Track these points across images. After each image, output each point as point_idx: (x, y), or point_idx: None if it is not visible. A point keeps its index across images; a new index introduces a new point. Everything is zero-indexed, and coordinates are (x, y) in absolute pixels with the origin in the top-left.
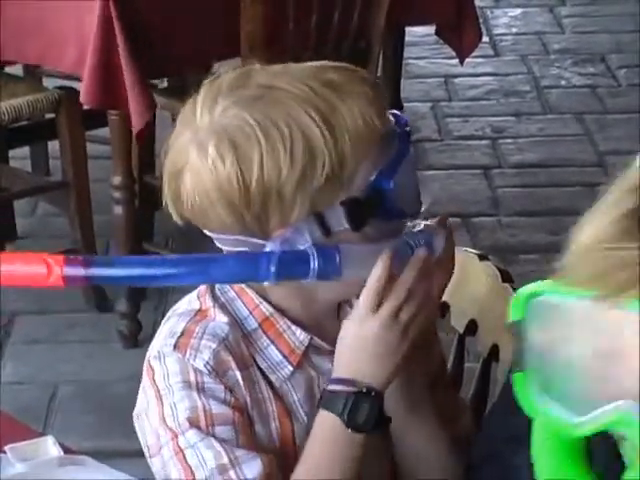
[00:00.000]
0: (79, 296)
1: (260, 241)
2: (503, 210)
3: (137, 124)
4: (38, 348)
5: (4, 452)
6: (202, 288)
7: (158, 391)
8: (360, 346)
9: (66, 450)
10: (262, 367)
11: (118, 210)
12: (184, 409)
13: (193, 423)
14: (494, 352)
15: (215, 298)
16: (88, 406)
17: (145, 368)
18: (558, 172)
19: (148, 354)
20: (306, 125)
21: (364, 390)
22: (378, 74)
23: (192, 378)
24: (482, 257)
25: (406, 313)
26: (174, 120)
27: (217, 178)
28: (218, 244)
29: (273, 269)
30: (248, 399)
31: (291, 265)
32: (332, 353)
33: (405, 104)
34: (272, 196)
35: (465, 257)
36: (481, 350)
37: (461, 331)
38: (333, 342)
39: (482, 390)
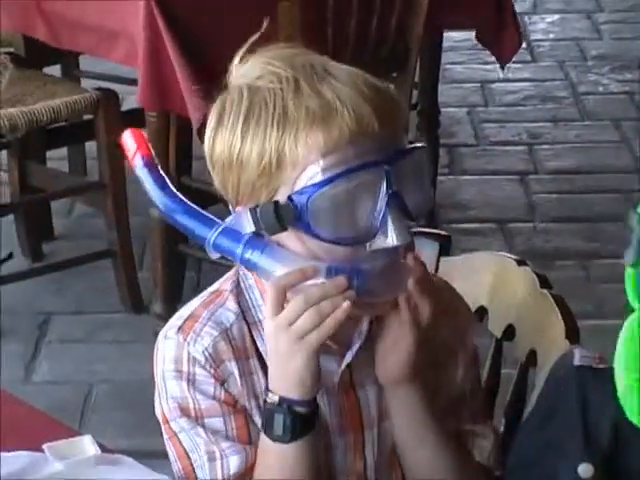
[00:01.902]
0: (115, 296)
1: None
2: (539, 216)
3: (196, 120)
4: (74, 348)
5: (42, 451)
6: (232, 272)
7: (156, 372)
8: (270, 355)
9: (103, 449)
10: (264, 354)
11: (154, 212)
12: (175, 397)
13: (184, 411)
14: (531, 358)
15: (236, 282)
16: (123, 405)
17: (156, 343)
18: (594, 178)
19: (162, 329)
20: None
21: (276, 401)
22: (415, 79)
23: (185, 368)
24: (520, 262)
25: (302, 322)
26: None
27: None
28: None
29: (212, 238)
30: (244, 390)
31: (225, 242)
32: (338, 353)
33: (442, 109)
34: (233, 172)
35: (504, 262)
36: (518, 356)
37: (499, 336)
38: (340, 342)
39: (519, 396)
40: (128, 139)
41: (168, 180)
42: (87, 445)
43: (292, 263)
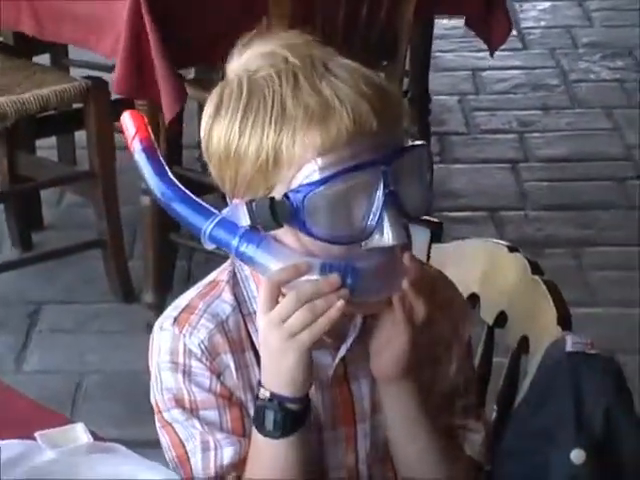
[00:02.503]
0: (105, 286)
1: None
2: (530, 204)
3: (169, 113)
4: (64, 338)
5: (35, 439)
6: (228, 263)
7: (152, 363)
8: (262, 351)
9: (96, 437)
10: (258, 348)
11: (145, 201)
12: (170, 388)
13: (178, 402)
14: (523, 344)
15: (232, 273)
16: (114, 396)
17: (151, 334)
18: (586, 166)
19: (158, 320)
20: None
21: (268, 397)
22: (406, 67)
23: (180, 359)
24: (512, 249)
25: (294, 320)
26: (201, 110)
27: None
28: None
29: (209, 229)
30: (240, 383)
31: (221, 234)
32: (332, 346)
33: (432, 97)
34: (230, 166)
35: (494, 248)
36: (510, 343)
37: (490, 323)
38: (335, 335)
39: (511, 383)
40: (127, 121)
41: (166, 166)
42: (80, 433)
43: (287, 258)
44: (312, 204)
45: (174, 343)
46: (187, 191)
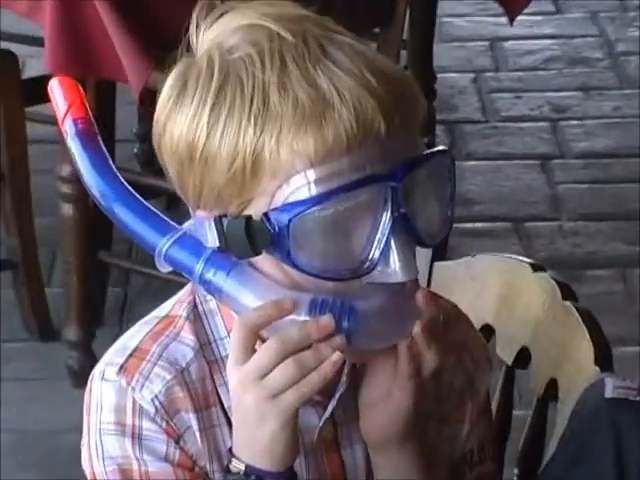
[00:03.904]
0: (16, 320)
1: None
2: (566, 213)
3: (137, 84)
4: None
5: None
6: (186, 291)
7: (89, 422)
8: (234, 413)
9: None
10: (227, 406)
11: (67, 210)
12: (114, 457)
13: (125, 475)
14: (551, 389)
15: (192, 305)
16: (27, 461)
17: (88, 383)
18: (636, 164)
19: (97, 366)
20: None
21: (242, 471)
22: (404, 36)
23: (129, 421)
24: (536, 267)
25: (276, 376)
26: (156, 95)
27: None
28: None
29: (165, 247)
30: (205, 448)
31: (181, 254)
32: (320, 405)
33: (439, 75)
34: (194, 171)
35: (514, 267)
36: (535, 387)
37: (509, 362)
38: (325, 391)
39: (536, 439)
40: (56, 93)
41: (110, 159)
42: None
43: (266, 292)
44: (300, 228)
45: (120, 398)
46: (136, 194)
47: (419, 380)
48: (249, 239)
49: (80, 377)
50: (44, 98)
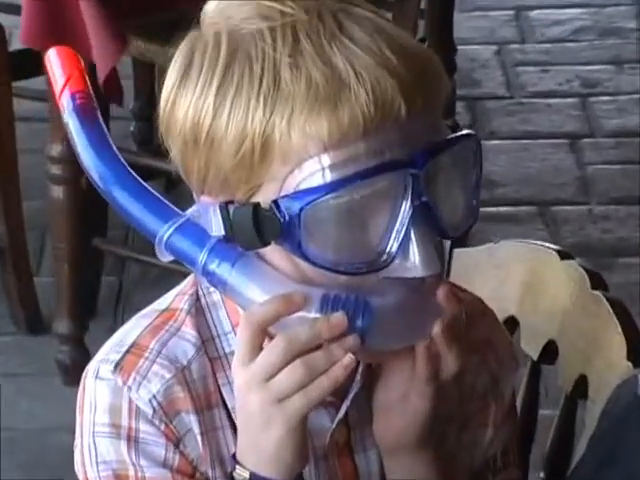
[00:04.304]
0: (3, 312)
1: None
2: (596, 196)
3: (103, 67)
4: None
5: None
6: (188, 283)
7: (82, 424)
8: (239, 416)
9: None
10: (230, 407)
11: (57, 192)
12: (109, 461)
13: None
14: (581, 386)
15: (195, 298)
16: (16, 461)
17: (81, 380)
18: None
19: (91, 362)
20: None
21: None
22: (422, 4)
23: (125, 422)
24: (564, 255)
25: (284, 379)
26: (139, 68)
27: None
28: None
29: (167, 234)
30: (207, 452)
31: (183, 243)
32: (332, 405)
33: (460, 47)
34: (199, 153)
35: (540, 254)
36: (563, 384)
37: (535, 357)
38: (338, 391)
39: (564, 440)
40: (54, 63)
41: (110, 137)
42: None
43: (274, 285)
44: (312, 218)
45: (115, 398)
46: (137, 176)
47: (438, 384)
48: (256, 228)
49: (71, 373)
50: (32, 72)
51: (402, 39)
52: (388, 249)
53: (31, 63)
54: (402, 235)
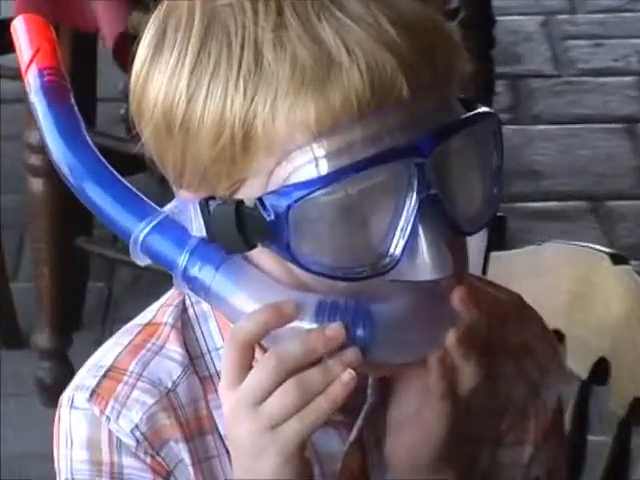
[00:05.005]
0: None
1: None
2: None
3: (110, 34)
4: None
5: None
6: (174, 292)
7: (59, 459)
8: (229, 444)
9: None
10: (224, 435)
11: (37, 185)
12: None
13: None
14: (636, 410)
15: (181, 309)
16: None
17: (57, 409)
18: None
19: (66, 389)
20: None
21: None
22: None
23: (106, 458)
24: (617, 259)
25: (275, 403)
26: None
27: None
28: None
29: (142, 234)
30: None
31: (161, 244)
32: (343, 425)
33: (499, 18)
34: (174, 142)
35: (590, 259)
36: (615, 408)
37: (584, 376)
38: (348, 409)
39: (619, 468)
40: (20, 34)
41: (82, 122)
42: None
43: (263, 292)
44: (302, 217)
45: (93, 431)
46: (112, 169)
47: (454, 400)
48: (240, 229)
49: (53, 393)
50: (8, 47)
51: (403, 7)
52: (392, 250)
53: (8, 36)
54: (408, 233)
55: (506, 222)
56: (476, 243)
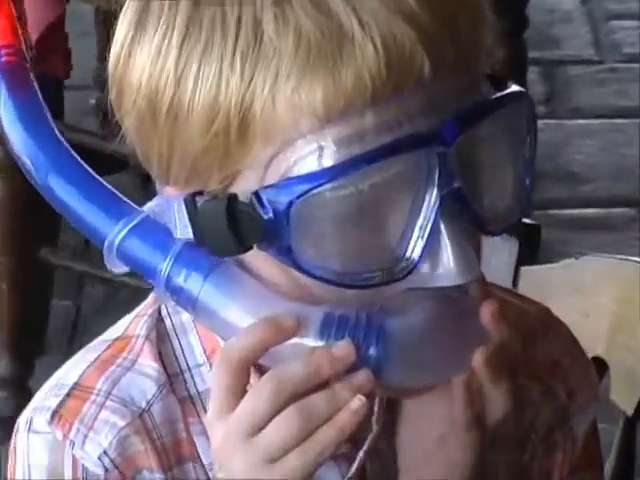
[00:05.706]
0: None
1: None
2: None
3: (36, 21)
4: None
5: None
6: (149, 302)
7: None
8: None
9: None
10: (207, 465)
11: None
12: None
13: None
14: None
15: (156, 319)
16: None
17: (13, 436)
18: None
19: (24, 412)
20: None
21: None
22: None
23: None
24: None
25: (275, 433)
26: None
27: None
28: None
29: (118, 237)
30: None
31: (140, 248)
32: (343, 458)
33: None
34: (160, 131)
35: (635, 276)
36: None
37: (630, 411)
38: (351, 437)
39: None
40: None
41: (46, 109)
42: None
43: (260, 304)
44: (305, 215)
45: (55, 458)
46: (83, 162)
47: (482, 429)
48: (232, 228)
49: (11, 426)
50: None
51: None
52: (409, 253)
53: None
54: (428, 233)
55: (540, 232)
56: (505, 255)
